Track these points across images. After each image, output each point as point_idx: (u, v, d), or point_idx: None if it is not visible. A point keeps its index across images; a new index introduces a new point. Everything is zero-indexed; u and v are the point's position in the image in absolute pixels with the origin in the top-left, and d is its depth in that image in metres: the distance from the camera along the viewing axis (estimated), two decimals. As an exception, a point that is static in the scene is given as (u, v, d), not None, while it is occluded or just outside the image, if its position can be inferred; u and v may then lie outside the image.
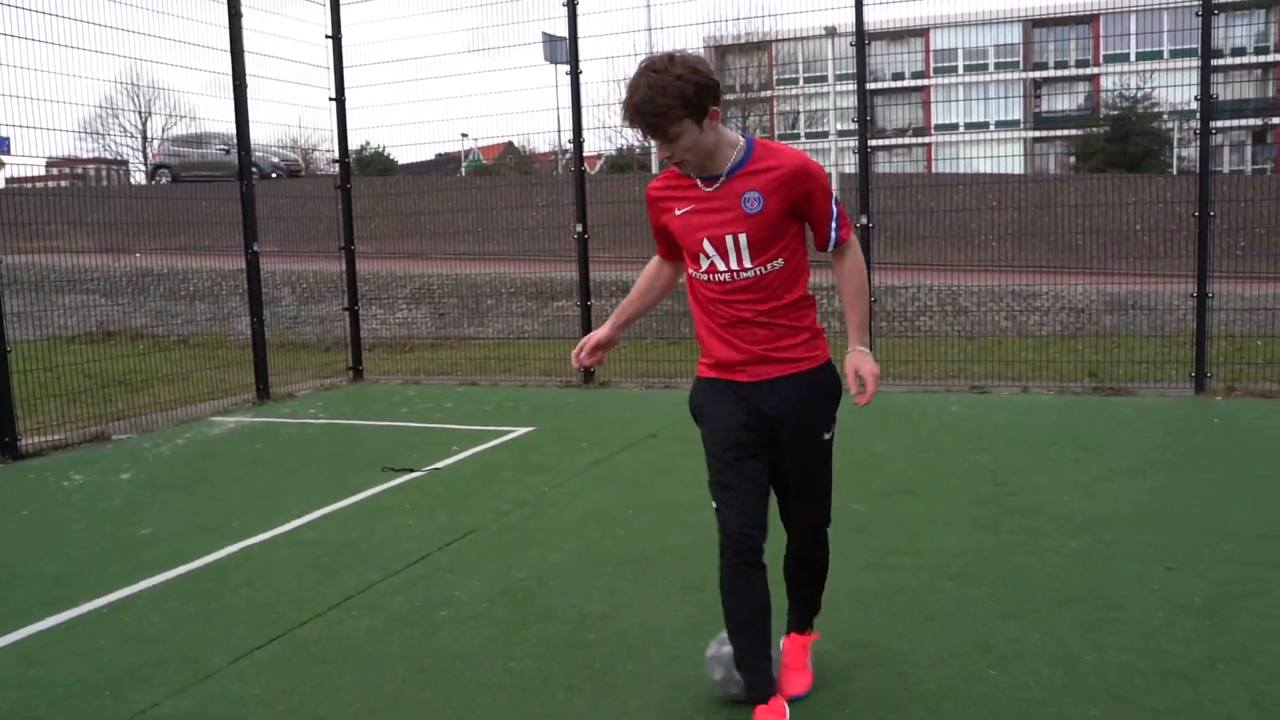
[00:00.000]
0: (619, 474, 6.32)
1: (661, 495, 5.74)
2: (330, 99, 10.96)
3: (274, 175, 24.62)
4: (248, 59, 9.65)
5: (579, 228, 10.02)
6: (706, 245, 2.88)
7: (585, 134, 9.90)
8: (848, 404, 3.04)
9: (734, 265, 2.87)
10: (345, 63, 10.92)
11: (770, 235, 2.84)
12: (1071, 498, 5.35)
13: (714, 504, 3.03)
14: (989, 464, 6.19)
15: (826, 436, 3.03)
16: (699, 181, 2.89)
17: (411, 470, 6.60)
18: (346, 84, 10.97)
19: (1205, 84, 8.05)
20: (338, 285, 15.45)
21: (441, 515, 5.52)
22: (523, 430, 7.88)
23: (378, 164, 35.70)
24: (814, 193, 2.86)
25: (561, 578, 4.42)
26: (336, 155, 11.15)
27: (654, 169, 27.57)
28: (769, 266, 2.87)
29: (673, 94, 2.68)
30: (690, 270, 3.00)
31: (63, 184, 22.60)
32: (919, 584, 4.16)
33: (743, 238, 2.84)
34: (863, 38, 8.89)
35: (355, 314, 11.33)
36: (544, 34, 14.26)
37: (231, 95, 9.71)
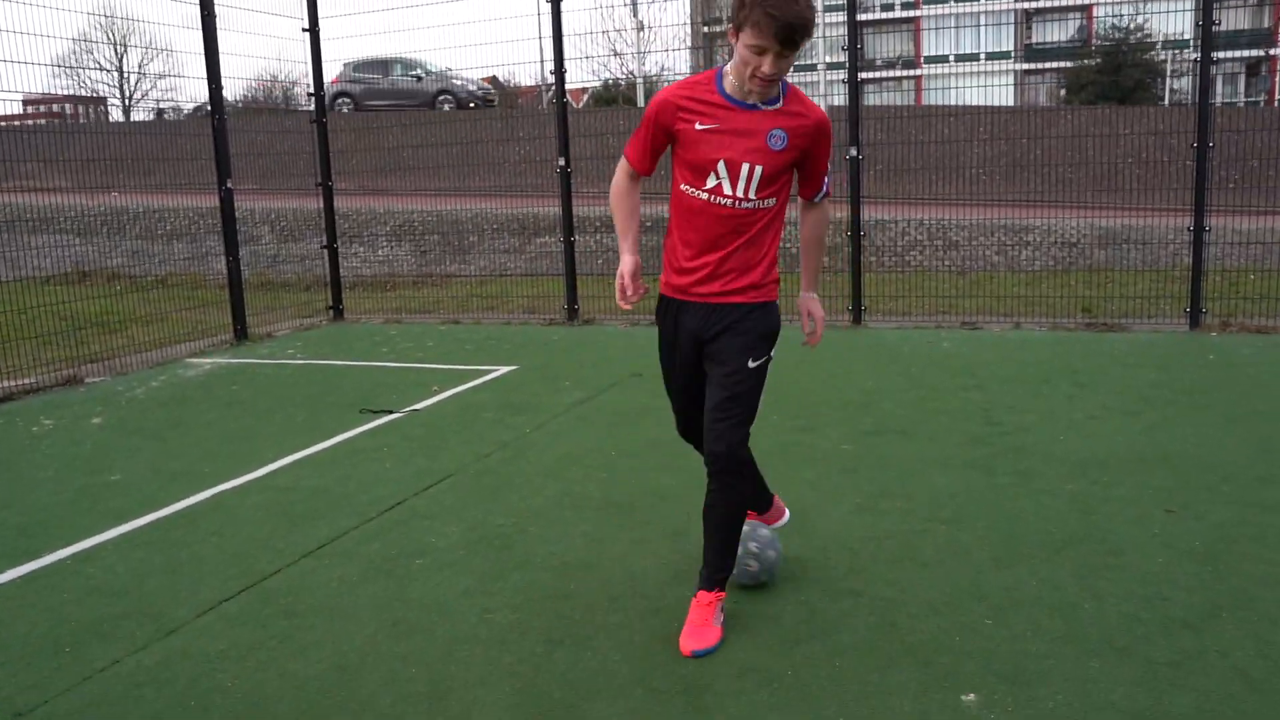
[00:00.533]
0: (602, 414, 6.16)
1: (646, 435, 5.59)
2: (304, 29, 10.59)
3: (471, 105, 23.60)
4: (216, -13, 9.28)
5: (561, 162, 9.75)
6: (721, 166, 2.96)
7: (569, 66, 9.59)
8: (838, 346, 2.95)
9: (739, 193, 2.99)
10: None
11: (777, 174, 2.99)
12: (1066, 437, 5.23)
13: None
14: (981, 402, 6.05)
15: (752, 364, 3.10)
16: (727, 99, 2.97)
17: (390, 412, 6.44)
18: (321, 14, 10.61)
19: (1207, 10, 7.79)
20: (317, 223, 15.16)
21: (420, 459, 5.36)
22: (505, 369, 7.71)
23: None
24: (823, 148, 3.07)
25: (541, 523, 4.28)
26: (312, 88, 10.80)
27: (640, 102, 27.11)
28: (765, 203, 3.03)
29: (812, 19, 2.81)
30: (685, 185, 3.05)
31: (40, 123, 22.06)
32: (910, 529, 4.03)
33: (759, 169, 2.96)
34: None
35: (334, 252, 11.08)
36: None
37: (200, 26, 9.36)
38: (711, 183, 2.99)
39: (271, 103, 25.81)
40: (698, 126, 2.98)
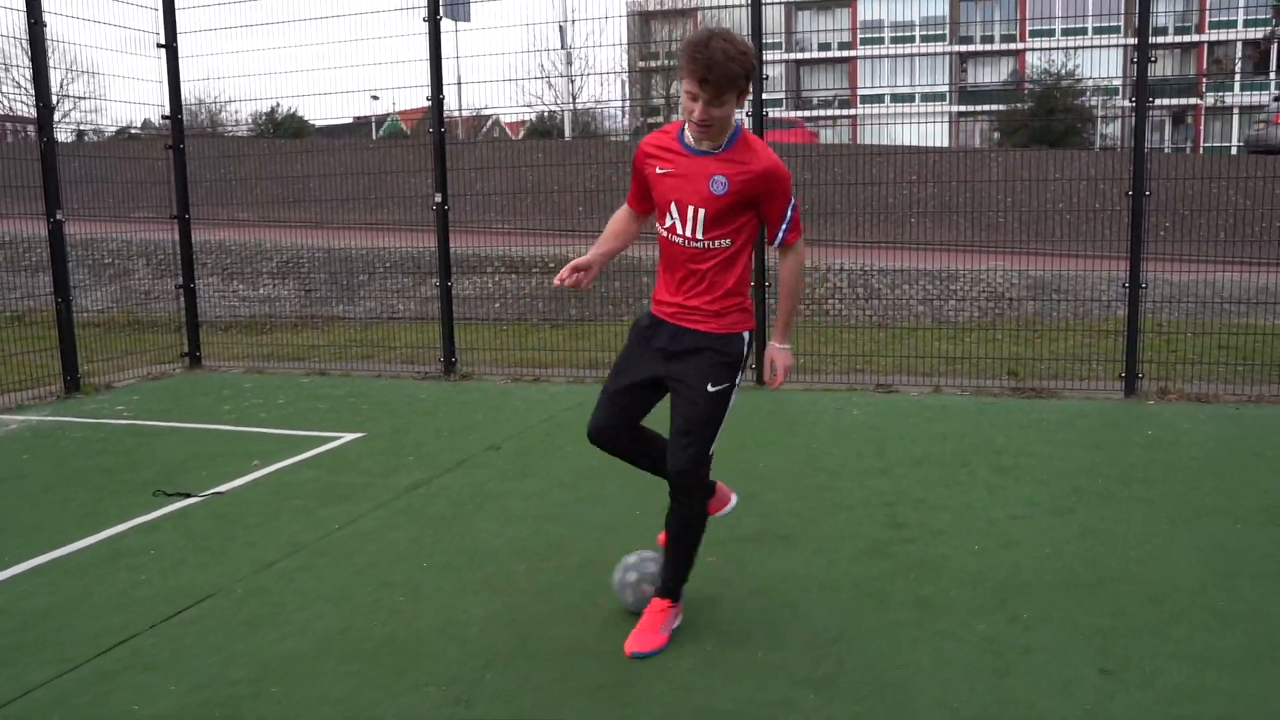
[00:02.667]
0: (433, 504, 5.11)
1: (470, 539, 4.54)
2: (159, 45, 9.49)
3: None
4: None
5: (438, 198, 8.74)
6: (673, 207, 3.21)
7: (502, 97, 8.65)
8: (735, 412, 3.35)
9: (688, 233, 3.20)
10: (176, 3, 9.46)
11: (722, 217, 3.15)
12: (983, 545, 4.29)
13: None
14: (887, 492, 5.11)
15: (711, 389, 3.25)
16: (681, 146, 3.19)
17: (187, 495, 5.33)
18: (180, 28, 9.54)
19: (1143, 56, 7.06)
20: (202, 258, 13.97)
21: (187, 568, 4.27)
22: (349, 438, 6.64)
23: (289, 126, 33.71)
24: (774, 194, 3.18)
25: (290, 679, 3.22)
26: (167, 110, 9.67)
27: (566, 134, 26.22)
28: (716, 243, 3.19)
29: (741, 66, 2.96)
30: (657, 224, 3.33)
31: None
32: (768, 697, 3.04)
33: (701, 211, 3.15)
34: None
35: (191, 293, 9.91)
36: None
37: (28, 37, 8.25)
38: (669, 221, 3.24)
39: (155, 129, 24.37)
40: (658, 170, 3.25)
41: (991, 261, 11.89)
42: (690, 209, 3.15)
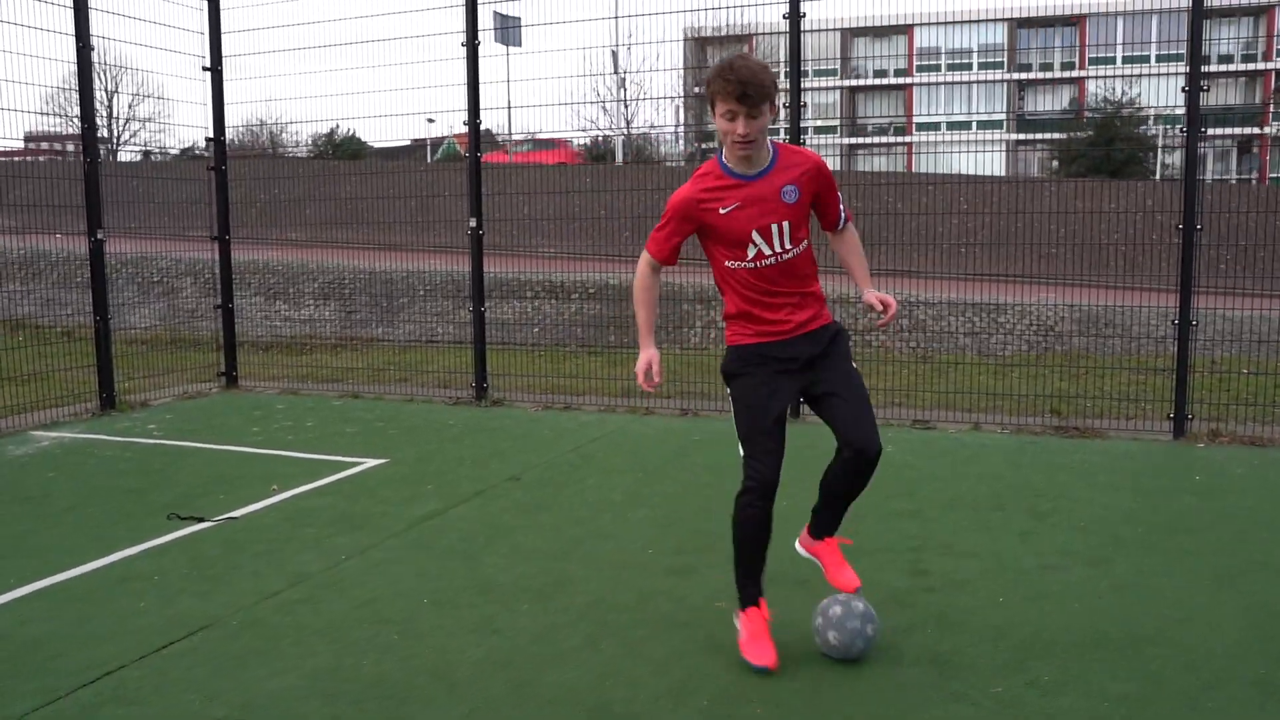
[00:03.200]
0: (444, 536, 5.00)
1: (479, 574, 4.42)
2: (205, 69, 9.59)
3: None
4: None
5: (473, 222, 8.69)
6: (755, 235, 3.30)
7: (557, 121, 8.63)
8: None
9: (779, 249, 3.33)
10: (223, 28, 9.57)
11: (801, 220, 3.35)
12: (1009, 598, 4.07)
13: (745, 456, 3.50)
14: (915, 536, 4.91)
15: (856, 365, 3.51)
16: (735, 178, 3.30)
17: (200, 519, 5.27)
18: (231, 51, 9.65)
19: (1194, 84, 6.81)
20: (247, 278, 14.11)
21: (188, 597, 4.19)
22: (372, 463, 6.57)
23: (348, 148, 34.11)
24: (829, 184, 3.43)
25: (271, 723, 3.11)
26: (211, 132, 9.76)
27: (618, 159, 26.21)
28: (800, 247, 3.37)
29: (768, 79, 3.15)
30: (729, 262, 3.37)
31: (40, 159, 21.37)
32: (767, 759, 2.86)
33: (786, 225, 3.31)
34: (797, 24, 7.63)
35: (230, 312, 9.98)
36: (495, 13, 13.01)
37: (75, 60, 8.37)
38: (752, 252, 3.33)
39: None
40: (721, 211, 3.31)
41: (1041, 294, 11.60)
42: (775, 227, 3.30)
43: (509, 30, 11.83)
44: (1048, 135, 38.06)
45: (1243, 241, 8.53)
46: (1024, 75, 46.00)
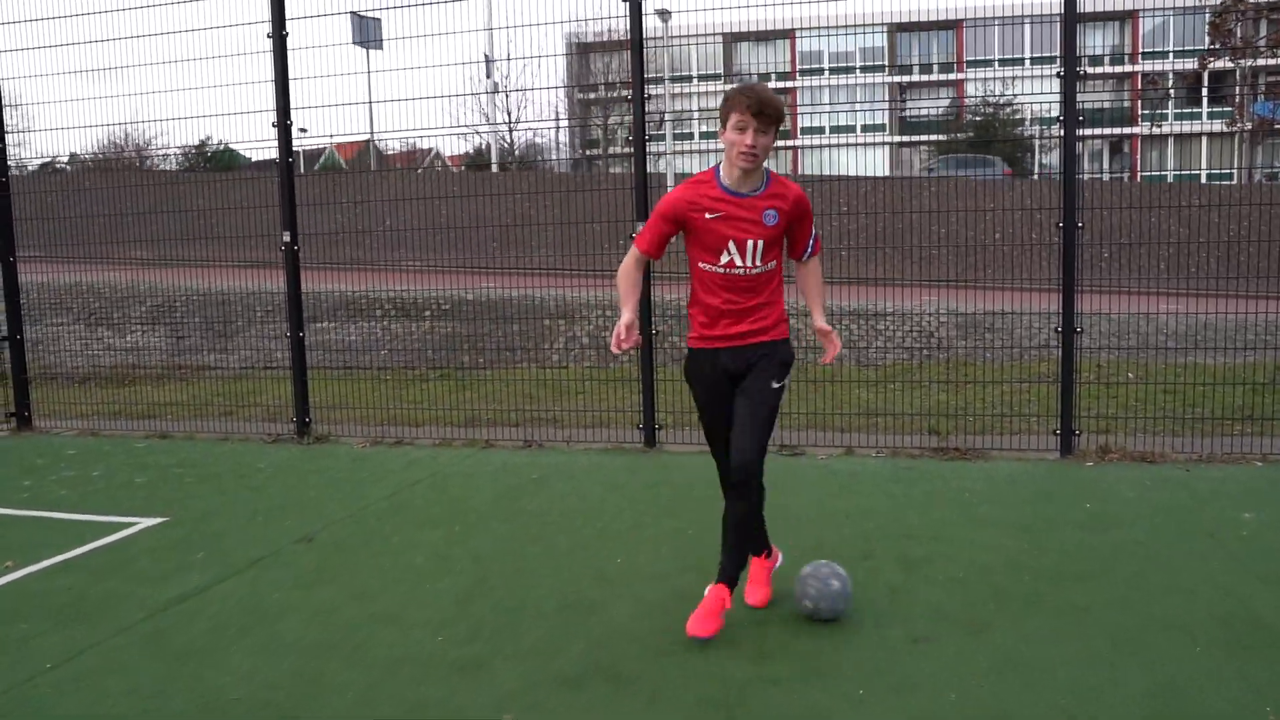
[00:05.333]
0: (190, 628, 4.01)
1: (206, 687, 3.45)
2: (-21, 65, 8.37)
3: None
4: None
5: (286, 237, 7.68)
6: (731, 245, 3.65)
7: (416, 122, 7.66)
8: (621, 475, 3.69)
9: (749, 263, 3.68)
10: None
11: (774, 242, 3.71)
12: (870, 690, 3.28)
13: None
14: (765, 605, 4.11)
15: (775, 385, 3.77)
16: (726, 192, 3.64)
17: (-113, 617, 4.19)
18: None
19: (1070, 77, 6.24)
20: (68, 301, 12.72)
21: None
22: (146, 524, 5.52)
23: (220, 161, 32.30)
24: (805, 216, 3.80)
25: None
26: (-11, 137, 8.52)
27: (493, 166, 25.15)
28: (767, 266, 3.72)
29: (781, 106, 3.56)
30: (703, 264, 3.73)
31: None
32: None
33: (760, 243, 3.66)
34: (640, 35, 6.81)
35: (19, 345, 8.73)
36: (353, 14, 11.98)
37: None
38: (725, 259, 3.67)
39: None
40: (707, 216, 3.64)
41: (922, 298, 11.07)
42: (750, 243, 3.62)
43: (367, 32, 10.87)
44: (929, 137, 38.33)
45: (1123, 240, 8.04)
46: (905, 78, 46.45)
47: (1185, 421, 6.89)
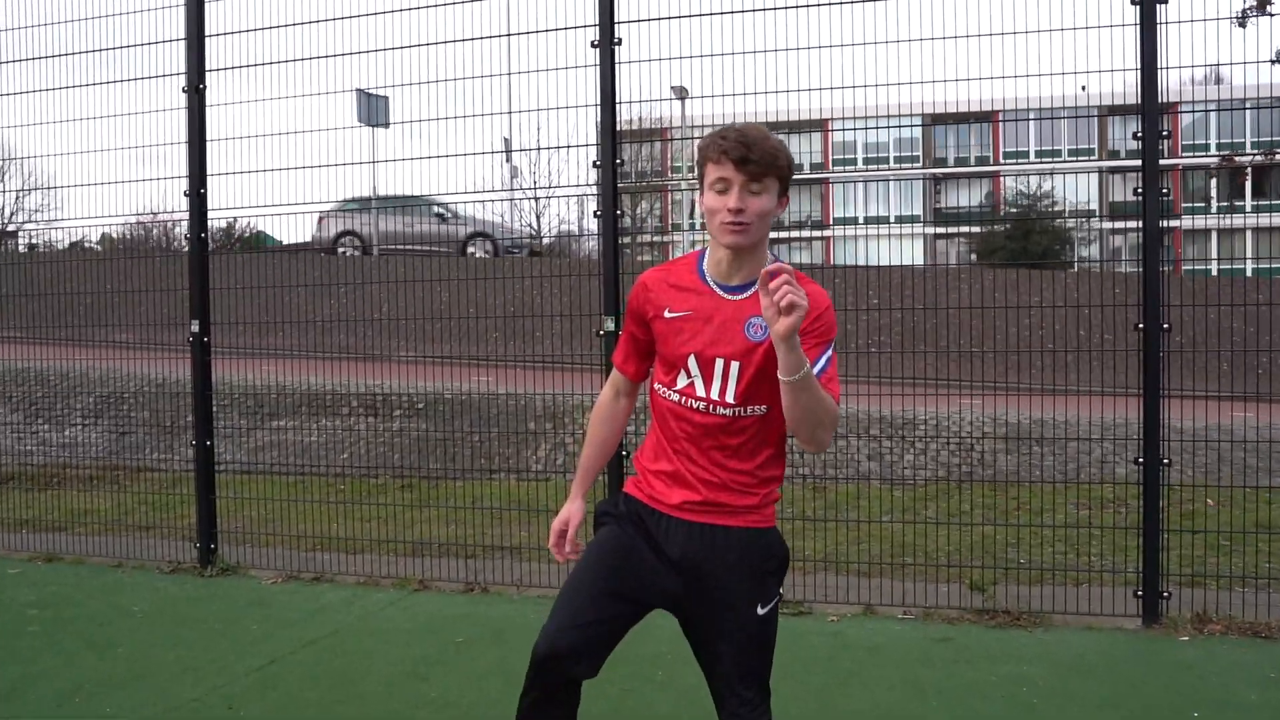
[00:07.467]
0: None
1: None
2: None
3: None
4: None
5: (194, 326, 6.45)
6: (691, 362, 2.40)
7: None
8: None
9: (714, 394, 2.39)
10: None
11: (760, 370, 2.34)
12: None
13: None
14: None
15: (761, 610, 2.41)
16: (704, 282, 2.42)
17: None
18: None
19: (1152, 145, 4.95)
20: (10, 389, 11.67)
21: None
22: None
23: (247, 243, 31.80)
24: (822, 337, 2.33)
25: None
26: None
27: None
28: (749, 410, 2.38)
29: (783, 153, 2.34)
30: (658, 384, 2.51)
31: None
32: None
33: (735, 366, 2.36)
34: (613, 122, 5.61)
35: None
36: (358, 90, 11.07)
37: None
38: (683, 382, 2.42)
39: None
40: (667, 314, 2.44)
41: (959, 402, 9.68)
42: (719, 364, 2.36)
43: (375, 105, 9.95)
44: (966, 229, 37.29)
45: (1221, 347, 6.64)
46: (940, 170, 45.63)
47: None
